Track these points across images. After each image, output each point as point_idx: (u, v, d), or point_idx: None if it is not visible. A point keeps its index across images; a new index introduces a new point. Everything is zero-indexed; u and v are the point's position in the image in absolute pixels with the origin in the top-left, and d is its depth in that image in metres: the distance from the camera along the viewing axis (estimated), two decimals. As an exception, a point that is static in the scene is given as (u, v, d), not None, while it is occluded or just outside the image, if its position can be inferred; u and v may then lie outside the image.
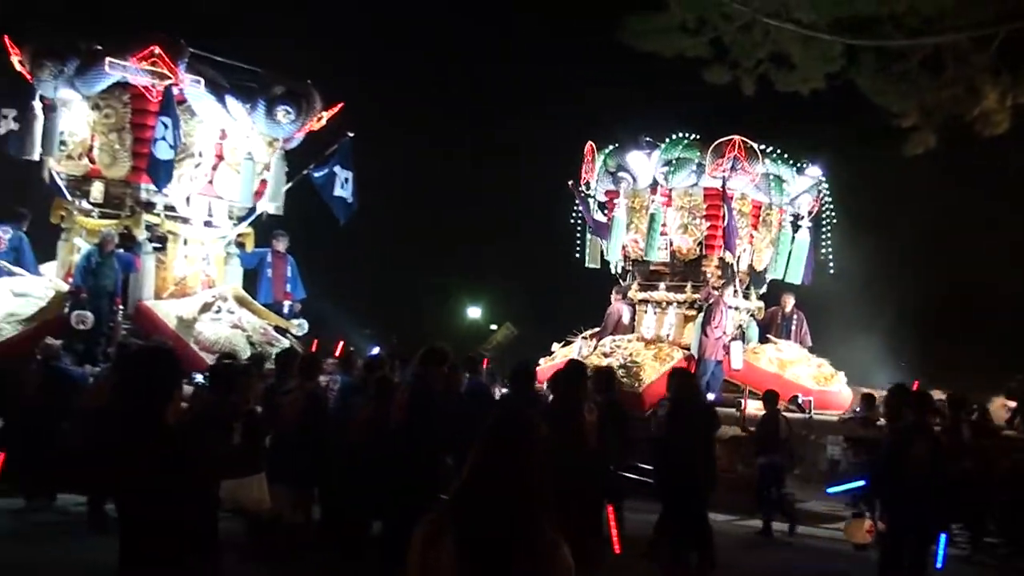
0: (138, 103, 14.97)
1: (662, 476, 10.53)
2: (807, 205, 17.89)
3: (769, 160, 17.41)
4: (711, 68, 10.11)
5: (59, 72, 14.56)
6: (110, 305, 14.42)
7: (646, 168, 17.62)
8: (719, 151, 16.88)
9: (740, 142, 16.83)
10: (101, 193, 15.36)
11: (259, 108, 15.47)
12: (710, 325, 16.09)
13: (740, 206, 17.45)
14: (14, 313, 14.04)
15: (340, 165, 16.02)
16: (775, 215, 18.08)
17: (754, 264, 18.08)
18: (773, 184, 17.46)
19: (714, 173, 16.90)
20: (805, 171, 17.82)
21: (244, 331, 14.73)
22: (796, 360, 16.97)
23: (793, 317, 18.07)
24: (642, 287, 18.21)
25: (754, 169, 16.97)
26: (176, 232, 15.57)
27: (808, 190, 17.83)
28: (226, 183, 15.91)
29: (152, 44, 14.61)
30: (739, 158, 16.74)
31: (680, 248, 17.73)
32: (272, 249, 16.77)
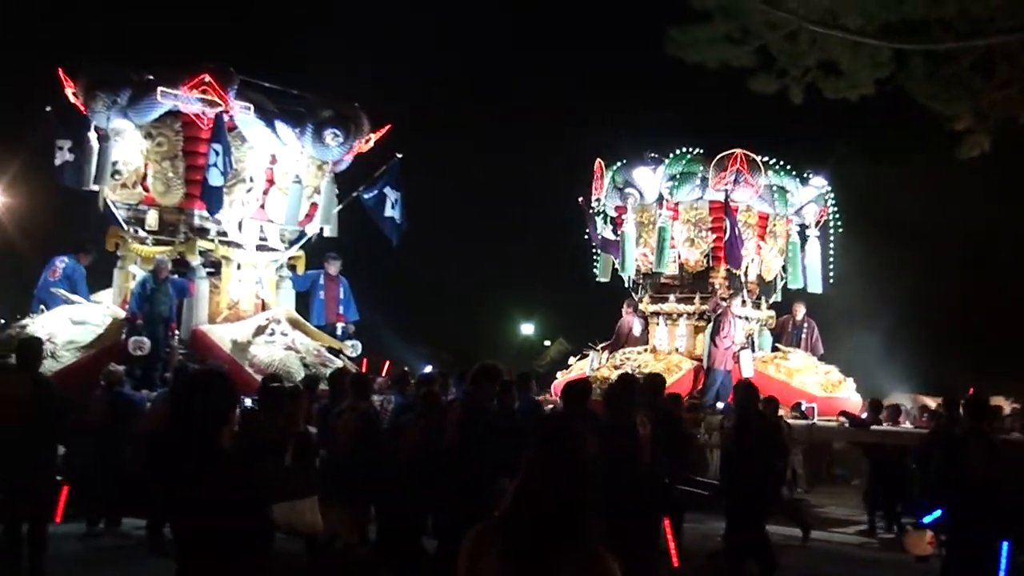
0: (190, 131, 15.18)
1: (727, 488, 10.43)
2: (813, 215, 18.23)
3: (772, 172, 17.86)
4: (757, 77, 10.02)
5: (112, 103, 14.83)
6: (166, 330, 14.56)
7: (652, 183, 18.04)
8: (722, 164, 17.40)
9: (742, 155, 17.38)
10: (155, 220, 15.59)
11: (308, 132, 15.61)
12: (719, 335, 16.44)
13: (746, 218, 17.88)
14: (73, 340, 14.25)
15: (390, 186, 16.13)
16: (782, 225, 18.35)
17: (763, 274, 18.48)
18: (777, 195, 17.87)
19: (717, 186, 17.27)
20: (809, 181, 18.17)
21: (298, 353, 14.81)
22: (803, 368, 17.28)
23: (804, 326, 18.51)
24: (653, 300, 18.61)
25: (757, 181, 17.43)
26: (229, 257, 15.72)
27: (814, 200, 18.18)
28: (277, 207, 16.05)
29: (202, 72, 14.80)
30: (741, 171, 17.25)
31: (688, 261, 18.26)
32: (324, 271, 16.87)
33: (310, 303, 16.72)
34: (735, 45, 9.88)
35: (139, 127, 15.25)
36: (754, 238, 18.02)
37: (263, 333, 14.99)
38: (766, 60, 9.99)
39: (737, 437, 10.11)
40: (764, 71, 10.01)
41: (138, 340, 13.84)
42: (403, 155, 16.30)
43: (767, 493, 10.00)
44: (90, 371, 13.51)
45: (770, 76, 9.98)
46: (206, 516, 4.53)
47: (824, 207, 18.26)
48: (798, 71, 9.86)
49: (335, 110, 15.89)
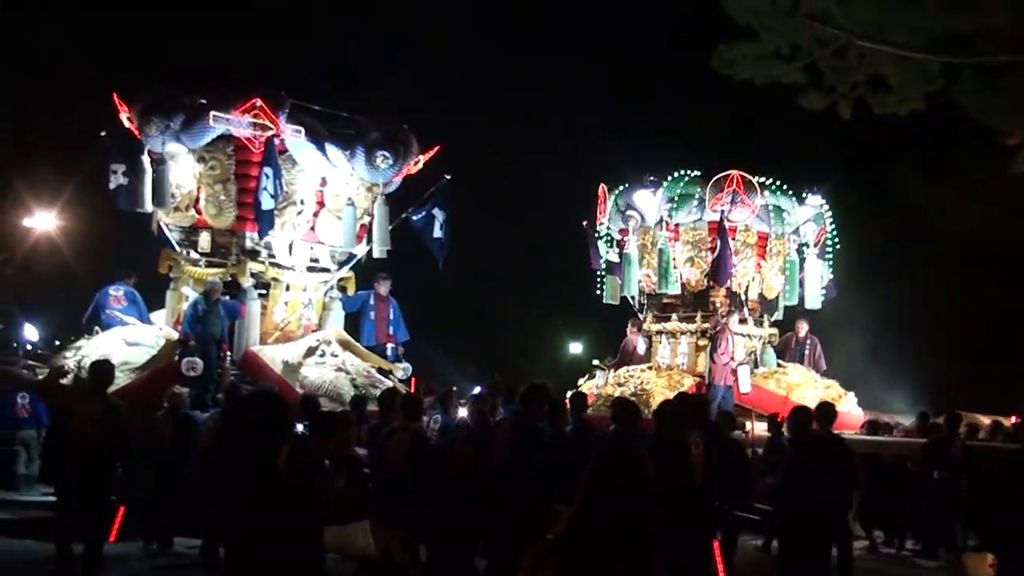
0: (241, 155, 15.34)
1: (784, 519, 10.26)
2: (812, 234, 18.43)
3: (768, 192, 18.14)
4: (806, 94, 9.96)
5: (166, 127, 15.01)
6: (218, 351, 14.69)
7: (652, 206, 18.42)
8: (718, 186, 17.74)
9: (738, 176, 17.72)
10: (208, 243, 15.76)
11: (358, 155, 15.72)
12: (717, 351, 16.56)
13: (745, 237, 18.16)
14: (127, 362, 14.39)
15: (438, 207, 16.14)
16: (782, 244, 18.51)
17: (764, 292, 18.68)
18: (774, 214, 18.14)
19: (715, 207, 17.59)
20: (806, 200, 18.47)
21: (348, 374, 14.85)
22: (802, 383, 17.41)
23: (807, 342, 18.67)
24: (656, 319, 18.91)
25: (753, 201, 17.76)
26: (279, 278, 15.86)
27: (812, 219, 18.42)
28: (327, 229, 16.17)
29: (254, 97, 14.99)
30: (738, 191, 17.61)
31: (689, 280, 18.47)
32: (375, 292, 16.91)
33: (360, 324, 16.73)
34: (784, 62, 9.84)
35: (192, 151, 15.42)
36: (754, 257, 18.30)
37: (314, 354, 15.06)
38: (815, 76, 9.93)
39: (794, 466, 9.91)
40: (813, 87, 9.95)
41: (191, 361, 13.95)
42: (451, 176, 16.31)
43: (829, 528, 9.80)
44: (143, 392, 13.73)
45: (819, 92, 9.92)
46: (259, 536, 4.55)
47: (823, 226, 18.53)
48: (847, 87, 9.79)
49: (385, 132, 15.99)
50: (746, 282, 18.33)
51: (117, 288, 15.95)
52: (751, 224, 18.08)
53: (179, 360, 14.11)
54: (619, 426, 9.48)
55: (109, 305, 15.74)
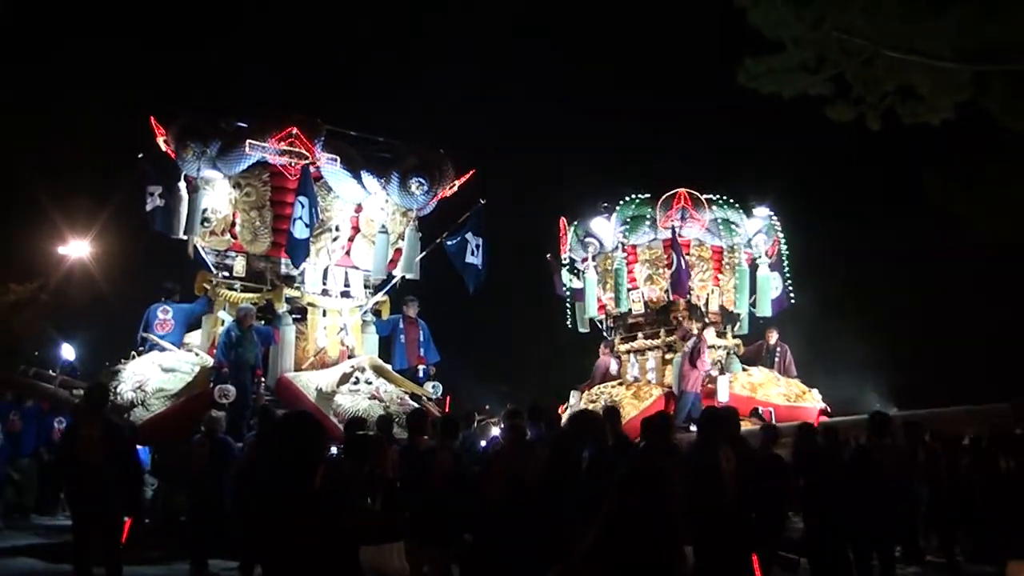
0: (277, 181, 15.47)
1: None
2: (764, 245, 19.15)
3: (716, 206, 18.97)
4: (835, 106, 9.90)
5: (202, 153, 15.09)
6: (252, 378, 14.69)
7: (609, 231, 19.27)
8: (668, 204, 18.73)
9: (685, 194, 18.77)
10: (243, 267, 15.90)
11: (393, 182, 15.73)
12: (699, 359, 17.08)
13: (699, 252, 19.05)
14: (163, 388, 14.41)
15: (472, 232, 16.12)
16: (738, 256, 19.19)
17: (724, 304, 19.36)
18: (724, 228, 18.91)
19: (666, 225, 18.40)
20: (754, 213, 19.19)
21: (382, 402, 14.81)
22: (765, 382, 18.09)
23: (777, 349, 19.23)
24: (624, 339, 19.62)
25: (703, 216, 18.75)
26: (315, 304, 15.92)
27: (763, 231, 19.12)
28: (362, 254, 16.26)
29: (290, 125, 15.12)
30: (687, 207, 18.57)
31: (651, 298, 19.22)
32: (404, 315, 17.01)
33: (392, 347, 16.77)
34: (810, 74, 9.80)
35: (228, 177, 15.52)
36: (711, 270, 19.15)
37: (347, 381, 15.05)
38: (842, 87, 9.88)
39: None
40: (841, 99, 9.89)
41: (223, 388, 13.98)
42: (486, 200, 16.32)
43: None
44: (179, 419, 13.91)
45: (847, 104, 9.85)
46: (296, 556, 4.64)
47: (776, 237, 19.21)
48: (875, 97, 9.72)
49: (420, 157, 16.01)
50: (705, 295, 19.04)
51: (166, 311, 16.02)
52: (704, 239, 18.93)
53: (214, 386, 14.14)
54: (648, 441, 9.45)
55: (154, 329, 15.84)
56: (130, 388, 14.20)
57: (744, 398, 17.33)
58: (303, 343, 15.79)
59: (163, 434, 13.95)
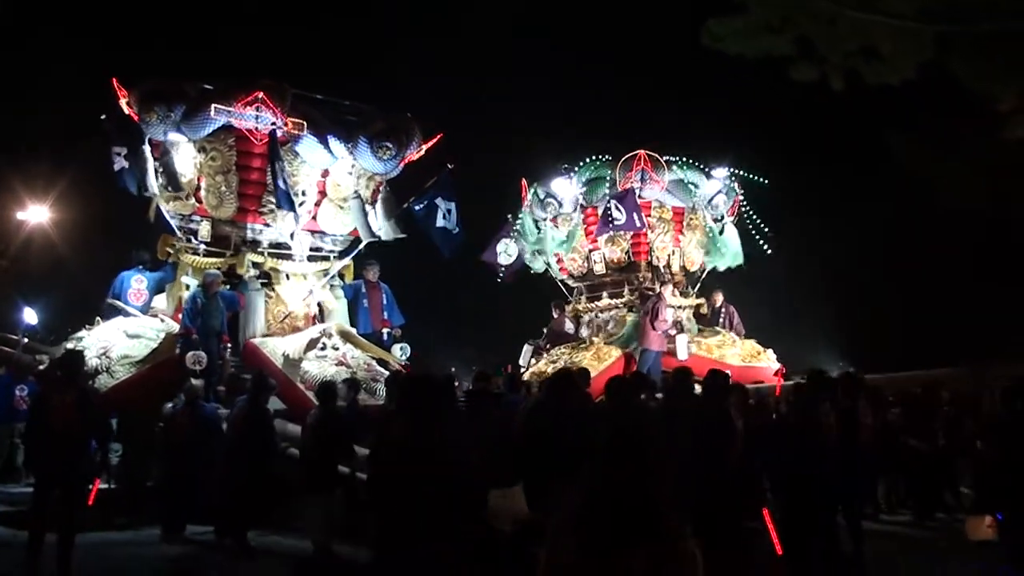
0: (243, 145, 15.33)
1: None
2: (724, 205, 19.38)
3: (676, 167, 19.10)
4: (797, 66, 9.83)
5: (167, 116, 14.94)
6: (218, 343, 14.67)
7: (569, 192, 19.37)
8: (628, 166, 18.83)
9: (644, 155, 18.82)
10: (208, 232, 15.70)
11: (360, 146, 15.63)
12: (657, 319, 17.28)
13: (660, 213, 19.19)
14: (127, 355, 14.33)
15: (441, 197, 16.02)
16: (699, 218, 19.49)
17: (685, 265, 19.62)
18: (683, 189, 19.05)
19: (625, 186, 18.45)
20: (712, 174, 19.38)
21: (349, 367, 14.77)
22: (722, 343, 18.45)
23: (722, 311, 19.58)
24: (589, 299, 19.90)
25: (662, 177, 18.81)
26: (279, 269, 15.85)
27: (722, 191, 19.31)
28: (329, 218, 16.15)
29: (256, 89, 14.98)
30: (646, 169, 18.63)
31: (611, 259, 19.44)
32: (365, 279, 16.95)
33: (355, 312, 16.65)
34: (774, 34, 9.75)
35: (193, 141, 15.38)
36: (672, 232, 19.34)
37: (315, 347, 15.01)
38: (805, 48, 9.85)
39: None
40: (804, 59, 9.86)
41: (196, 354, 13.95)
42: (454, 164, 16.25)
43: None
44: (145, 386, 13.89)
45: (810, 64, 9.82)
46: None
47: (736, 197, 19.47)
48: (838, 57, 9.69)
49: (387, 121, 15.90)
50: (666, 256, 19.22)
51: (140, 280, 16.03)
52: (664, 200, 19.04)
53: (182, 354, 14.10)
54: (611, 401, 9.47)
55: (127, 298, 15.81)
56: (95, 355, 14.06)
57: (701, 359, 17.39)
58: (270, 308, 15.71)
59: (129, 401, 13.80)
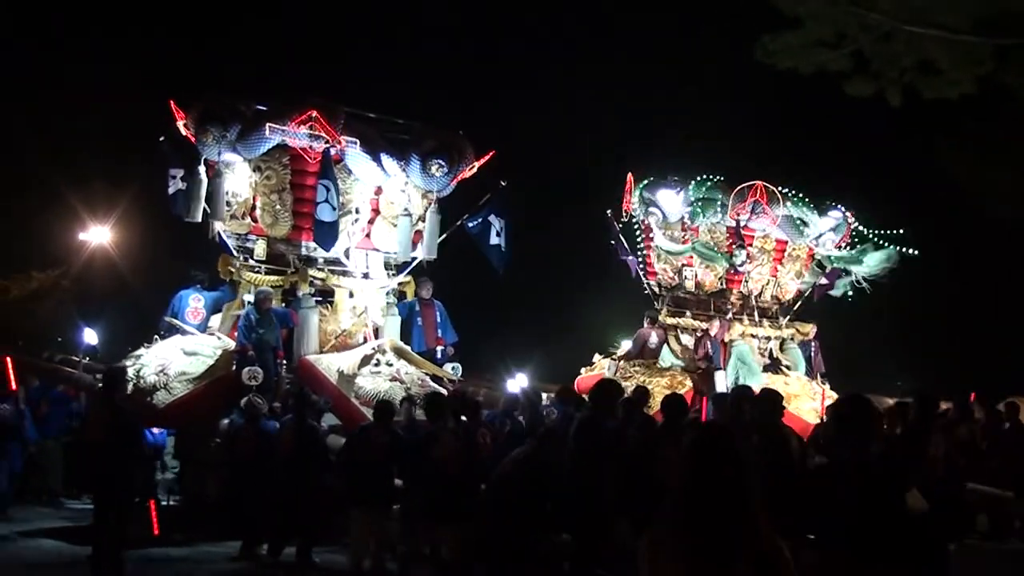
0: (297, 164, 15.41)
1: None
2: (831, 244, 18.99)
3: (791, 203, 18.59)
4: (853, 81, 9.85)
5: (222, 136, 15.11)
6: (274, 359, 14.79)
7: (675, 205, 18.87)
8: (743, 195, 18.32)
9: (762, 186, 18.28)
10: (263, 251, 15.85)
11: (413, 163, 15.68)
12: (696, 355, 17.46)
13: (763, 244, 18.85)
14: (185, 372, 14.49)
15: (494, 214, 16.12)
16: (801, 248, 19.14)
17: (778, 295, 19.26)
18: (793, 226, 18.78)
19: (736, 216, 18.18)
20: (828, 213, 18.92)
21: (403, 383, 14.79)
22: (801, 394, 17.61)
23: (812, 345, 19.12)
24: (671, 313, 19.29)
25: (774, 212, 18.35)
26: (340, 285, 15.93)
27: (833, 229, 18.90)
28: (383, 236, 16.20)
29: (309, 108, 15.05)
30: (760, 201, 18.20)
31: (704, 281, 19.08)
32: (419, 297, 17.00)
33: (409, 330, 16.69)
34: (829, 49, 9.76)
35: (248, 160, 15.56)
36: (770, 263, 19.03)
37: (369, 363, 15.07)
38: (861, 63, 9.82)
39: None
40: (860, 74, 9.84)
41: (252, 370, 14.06)
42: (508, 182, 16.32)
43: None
44: (202, 402, 14.14)
45: (867, 79, 9.80)
46: None
47: (844, 235, 19.02)
48: (894, 72, 9.66)
49: (439, 139, 15.95)
50: (760, 286, 18.92)
51: (198, 299, 16.25)
52: (770, 232, 18.69)
53: (238, 370, 14.24)
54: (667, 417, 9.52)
55: (185, 316, 16.04)
56: (152, 372, 14.29)
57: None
58: (325, 325, 15.76)
59: (187, 417, 14.13)
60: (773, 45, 9.75)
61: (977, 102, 10.04)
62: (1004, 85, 9.48)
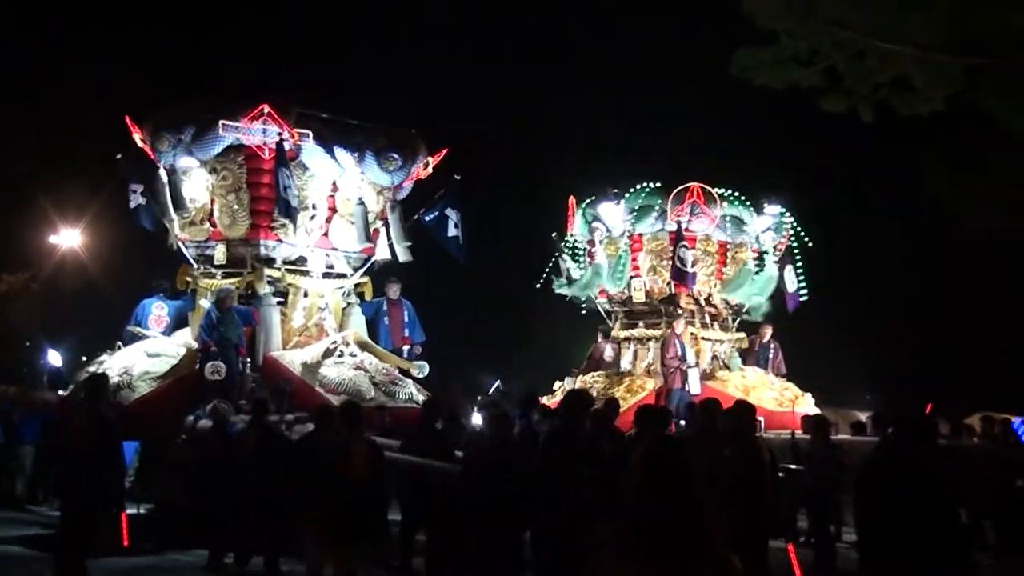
0: (252, 163, 15.45)
1: None
2: (771, 242, 19.07)
3: (727, 202, 18.84)
4: (827, 97, 10.06)
5: (178, 141, 15.22)
6: (236, 356, 14.75)
7: (617, 217, 19.06)
8: (680, 197, 18.56)
9: (698, 188, 18.57)
10: (224, 254, 15.78)
11: (367, 157, 15.81)
12: (666, 355, 17.35)
13: (705, 246, 18.89)
14: (148, 371, 14.57)
15: (450, 207, 16.27)
16: (744, 252, 19.24)
17: (728, 299, 19.32)
18: (732, 225, 18.94)
19: (675, 218, 18.33)
20: (764, 210, 19.11)
21: (367, 372, 14.96)
22: (759, 385, 18.09)
23: (770, 347, 19.28)
24: (624, 326, 19.55)
25: (713, 212, 18.56)
26: (296, 284, 15.92)
27: (772, 228, 19.06)
28: (341, 234, 16.25)
29: (261, 103, 15.08)
30: (698, 203, 18.42)
31: (652, 289, 19.15)
32: (387, 297, 17.08)
33: (376, 329, 16.82)
34: (802, 66, 9.94)
35: (204, 163, 15.55)
36: (715, 265, 19.08)
37: (332, 355, 15.14)
38: (835, 79, 10.02)
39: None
40: (833, 91, 10.04)
41: (214, 365, 14.08)
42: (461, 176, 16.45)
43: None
44: (164, 401, 14.18)
45: (840, 95, 10.01)
46: None
47: (784, 235, 19.16)
48: (867, 89, 9.88)
49: (391, 137, 16.09)
50: (708, 289, 19.03)
51: (161, 307, 16.27)
52: (711, 234, 18.82)
53: (201, 367, 14.26)
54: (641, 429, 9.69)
55: (148, 324, 16.03)
56: (117, 374, 14.29)
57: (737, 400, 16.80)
58: (287, 324, 15.81)
59: (151, 415, 13.98)
60: (747, 61, 9.92)
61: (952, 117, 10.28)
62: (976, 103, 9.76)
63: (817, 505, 12.53)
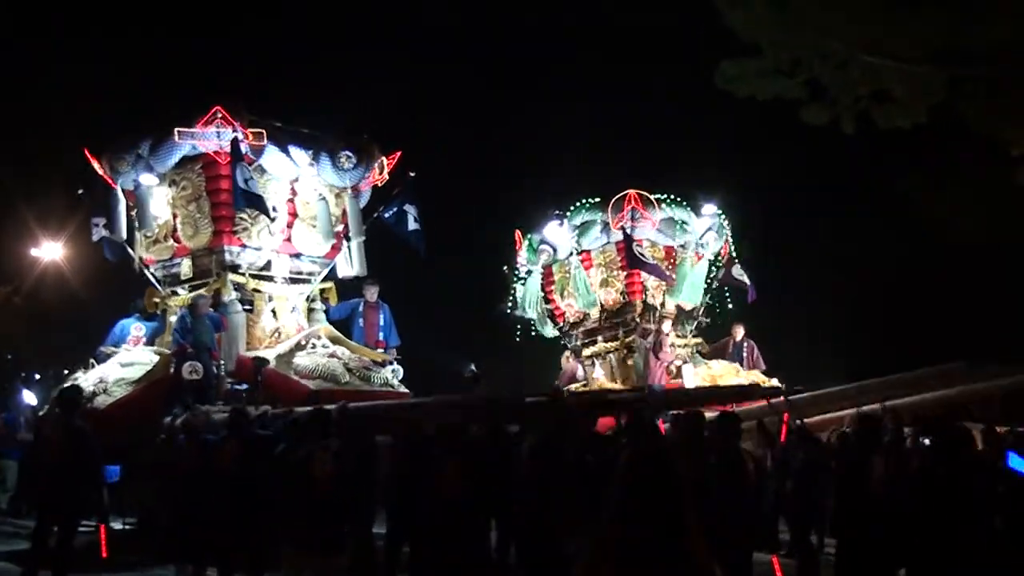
0: (211, 170, 15.50)
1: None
2: (714, 244, 19.30)
3: (665, 205, 18.94)
4: (809, 109, 10.29)
5: (136, 157, 15.35)
6: (210, 359, 14.72)
7: (563, 237, 19.14)
8: (618, 206, 18.59)
9: (635, 195, 18.60)
10: (190, 268, 15.85)
11: (322, 158, 15.96)
12: (662, 351, 17.26)
13: (652, 252, 18.86)
14: (123, 377, 14.67)
15: (408, 203, 16.56)
16: (690, 256, 19.19)
17: (681, 304, 19.16)
18: (675, 227, 18.99)
19: (617, 226, 18.42)
20: (702, 211, 19.15)
21: (340, 359, 15.19)
22: (724, 374, 17.94)
23: (744, 345, 19.00)
24: (585, 344, 19.53)
25: (653, 216, 18.63)
26: (260, 290, 15.94)
27: (712, 228, 19.20)
28: (303, 239, 16.31)
29: (214, 107, 15.12)
30: (637, 208, 18.41)
31: (607, 301, 19.18)
32: (364, 299, 17.10)
33: (350, 329, 16.87)
34: (785, 77, 10.15)
35: (163, 177, 15.64)
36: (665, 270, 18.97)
37: (304, 348, 15.38)
38: (817, 91, 10.26)
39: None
40: (816, 102, 10.27)
41: (192, 364, 14.10)
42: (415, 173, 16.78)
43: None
44: (139, 404, 14.18)
45: (822, 107, 10.24)
46: None
47: (726, 239, 19.36)
48: (849, 101, 10.13)
49: (346, 141, 16.27)
50: (660, 294, 18.99)
51: (139, 328, 16.24)
52: (656, 239, 18.95)
53: (177, 367, 14.27)
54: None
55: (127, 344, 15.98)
56: (91, 384, 14.41)
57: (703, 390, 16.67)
58: (254, 328, 15.82)
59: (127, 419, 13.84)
60: (731, 72, 10.11)
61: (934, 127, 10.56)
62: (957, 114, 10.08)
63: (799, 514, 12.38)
